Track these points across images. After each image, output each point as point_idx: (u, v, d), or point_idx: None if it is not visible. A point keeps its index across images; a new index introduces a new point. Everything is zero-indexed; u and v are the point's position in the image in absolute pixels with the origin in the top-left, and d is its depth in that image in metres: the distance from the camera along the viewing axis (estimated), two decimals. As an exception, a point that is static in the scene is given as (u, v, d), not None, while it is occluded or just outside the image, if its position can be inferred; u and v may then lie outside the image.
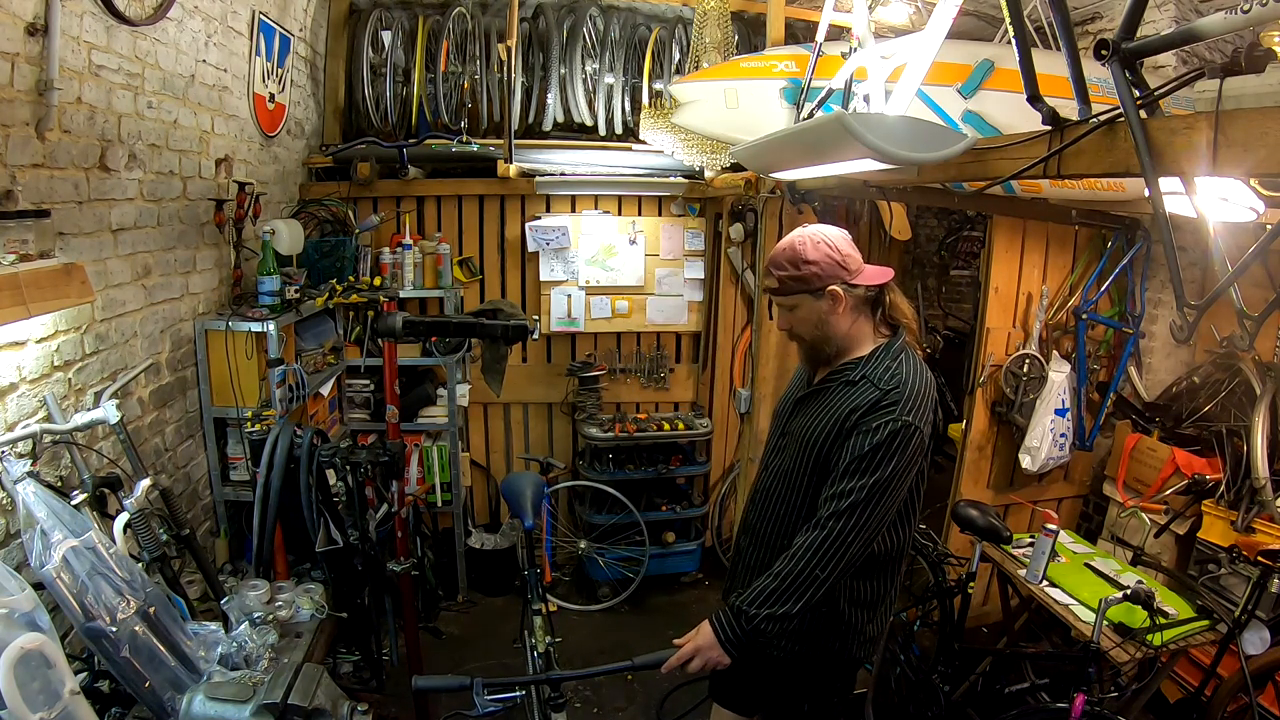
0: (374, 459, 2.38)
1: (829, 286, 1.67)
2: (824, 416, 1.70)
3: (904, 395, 1.60)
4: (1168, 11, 3.18)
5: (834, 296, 1.67)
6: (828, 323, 1.71)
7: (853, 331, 1.72)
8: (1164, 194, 1.35)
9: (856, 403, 1.64)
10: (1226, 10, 1.14)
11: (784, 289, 1.73)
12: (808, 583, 1.57)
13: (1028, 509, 3.60)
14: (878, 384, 1.64)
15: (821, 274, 1.67)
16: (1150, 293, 3.51)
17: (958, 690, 2.81)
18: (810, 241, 1.69)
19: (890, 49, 2.14)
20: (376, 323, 2.28)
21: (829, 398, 1.72)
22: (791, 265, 1.70)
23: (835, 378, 1.73)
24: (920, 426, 1.60)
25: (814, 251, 1.68)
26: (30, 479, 1.55)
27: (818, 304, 1.69)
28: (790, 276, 1.71)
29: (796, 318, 1.75)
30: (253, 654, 1.84)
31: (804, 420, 1.76)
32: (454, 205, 3.91)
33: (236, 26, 2.77)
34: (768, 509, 1.83)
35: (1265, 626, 2.34)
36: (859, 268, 1.70)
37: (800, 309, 1.73)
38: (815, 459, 1.70)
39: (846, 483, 1.58)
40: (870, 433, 1.58)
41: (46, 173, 1.80)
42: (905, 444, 1.57)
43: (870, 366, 1.68)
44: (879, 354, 1.70)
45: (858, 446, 1.59)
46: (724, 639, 1.60)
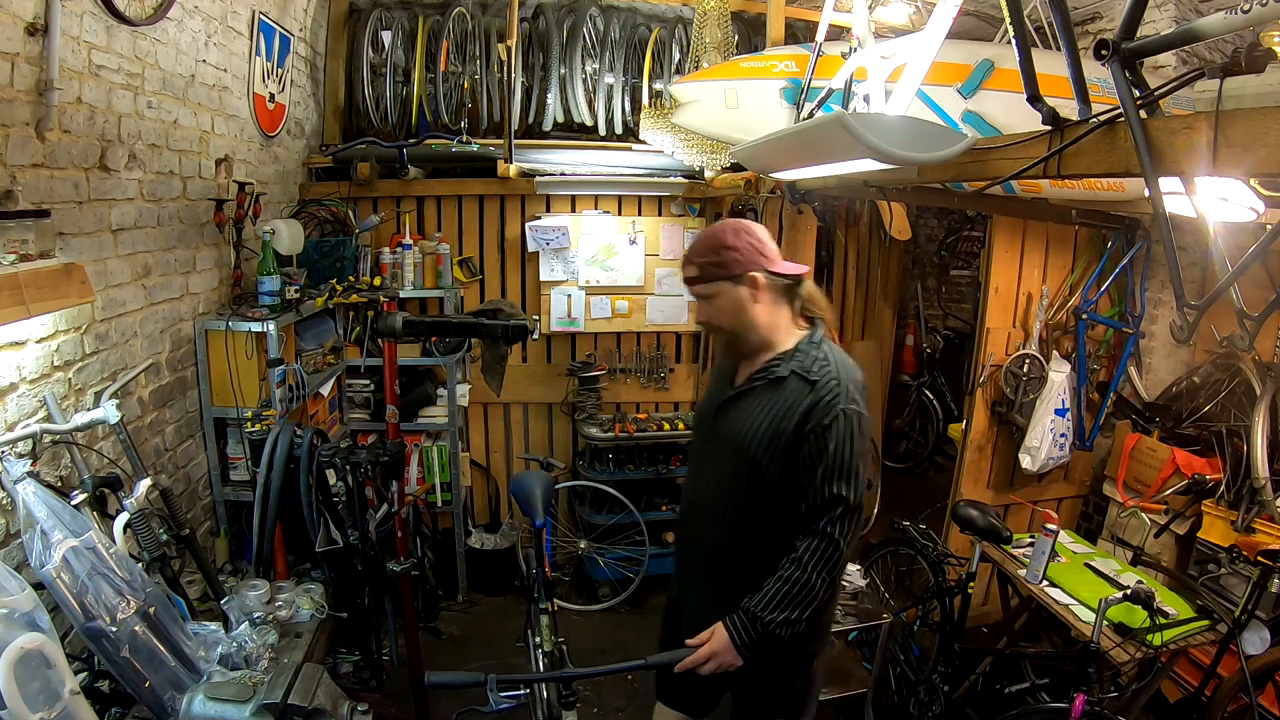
0: (374, 459, 2.38)
1: (749, 272, 1.68)
2: (757, 416, 1.70)
3: (840, 385, 1.63)
4: (1168, 11, 3.18)
5: (754, 283, 1.68)
6: (747, 311, 1.71)
7: (773, 323, 1.73)
8: (1164, 194, 1.35)
9: (794, 405, 1.64)
10: (1226, 10, 1.14)
11: (704, 276, 1.73)
12: (817, 586, 1.60)
13: (1028, 509, 3.60)
14: (808, 377, 1.65)
15: (741, 259, 1.68)
16: (1150, 293, 3.51)
17: (958, 690, 2.81)
18: (731, 229, 1.72)
19: (890, 49, 2.14)
20: (376, 323, 2.28)
21: (759, 396, 1.72)
22: (712, 252, 1.71)
23: (762, 375, 1.73)
24: (861, 409, 1.64)
25: (734, 239, 1.70)
26: (30, 479, 1.55)
27: (737, 290, 1.69)
28: (710, 263, 1.71)
29: (716, 307, 1.73)
30: (253, 654, 1.84)
31: (736, 423, 1.75)
32: (454, 205, 3.91)
33: (236, 26, 2.77)
34: (710, 516, 1.81)
35: (1265, 626, 2.34)
36: (777, 258, 1.72)
37: (720, 297, 1.72)
38: (752, 460, 1.69)
39: (831, 488, 1.59)
40: (824, 431, 1.60)
41: (46, 173, 1.80)
42: (858, 428, 1.61)
43: (796, 360, 1.69)
44: (803, 346, 1.71)
45: (819, 449, 1.60)
46: (739, 643, 1.61)
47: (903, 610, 3.11)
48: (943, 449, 5.58)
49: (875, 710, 2.86)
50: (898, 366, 5.61)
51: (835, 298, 4.52)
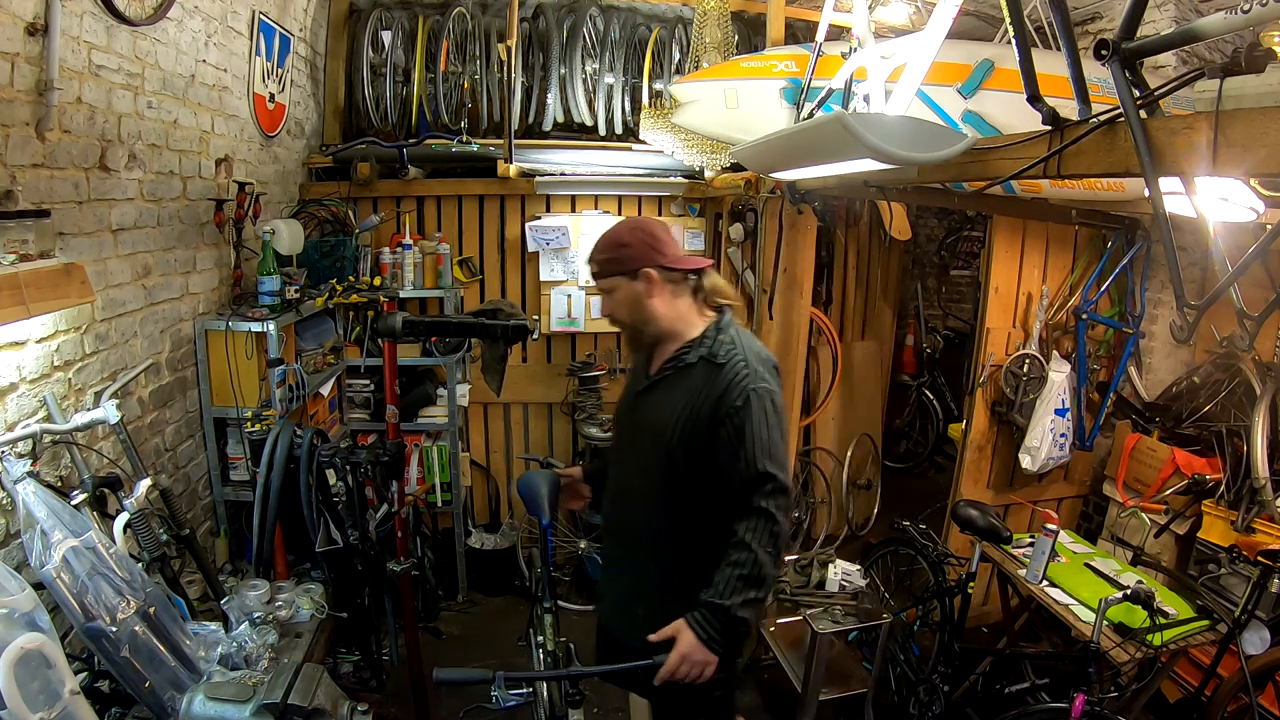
0: (374, 459, 2.38)
1: (643, 268, 1.73)
2: (670, 404, 1.74)
3: (748, 365, 1.67)
4: (1168, 11, 3.18)
5: (648, 278, 1.73)
6: (645, 305, 1.76)
7: (674, 314, 1.77)
8: (1164, 194, 1.35)
9: (705, 390, 1.68)
10: (1226, 10, 1.14)
11: (602, 272, 1.79)
12: (766, 562, 1.61)
13: (1028, 509, 3.60)
14: (715, 361, 1.69)
15: (634, 255, 1.73)
16: (1150, 293, 3.51)
17: (958, 690, 2.81)
18: (626, 227, 1.80)
19: (890, 49, 2.14)
20: (376, 323, 2.28)
21: (671, 385, 1.76)
22: (609, 249, 1.77)
23: (671, 364, 1.77)
24: (774, 389, 1.67)
25: (628, 235, 1.76)
26: (30, 479, 1.55)
27: (634, 285, 1.74)
28: (607, 259, 1.77)
29: (615, 301, 1.79)
30: (253, 654, 1.84)
31: (650, 414, 1.79)
32: (454, 205, 3.91)
33: (236, 26, 2.77)
34: (631, 508, 1.85)
35: (1265, 626, 2.34)
36: (675, 255, 1.77)
37: (618, 291, 1.77)
38: (668, 449, 1.72)
39: (757, 465, 1.62)
40: (737, 412, 1.63)
41: (46, 173, 1.80)
42: (773, 406, 1.65)
43: (703, 347, 1.73)
44: (709, 333, 1.75)
45: (737, 430, 1.63)
46: (707, 638, 1.60)
47: (903, 610, 3.11)
48: (943, 449, 5.58)
49: (875, 710, 2.86)
50: (898, 366, 5.61)
51: (835, 298, 4.52)
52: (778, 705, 3.14)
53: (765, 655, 3.28)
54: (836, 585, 2.92)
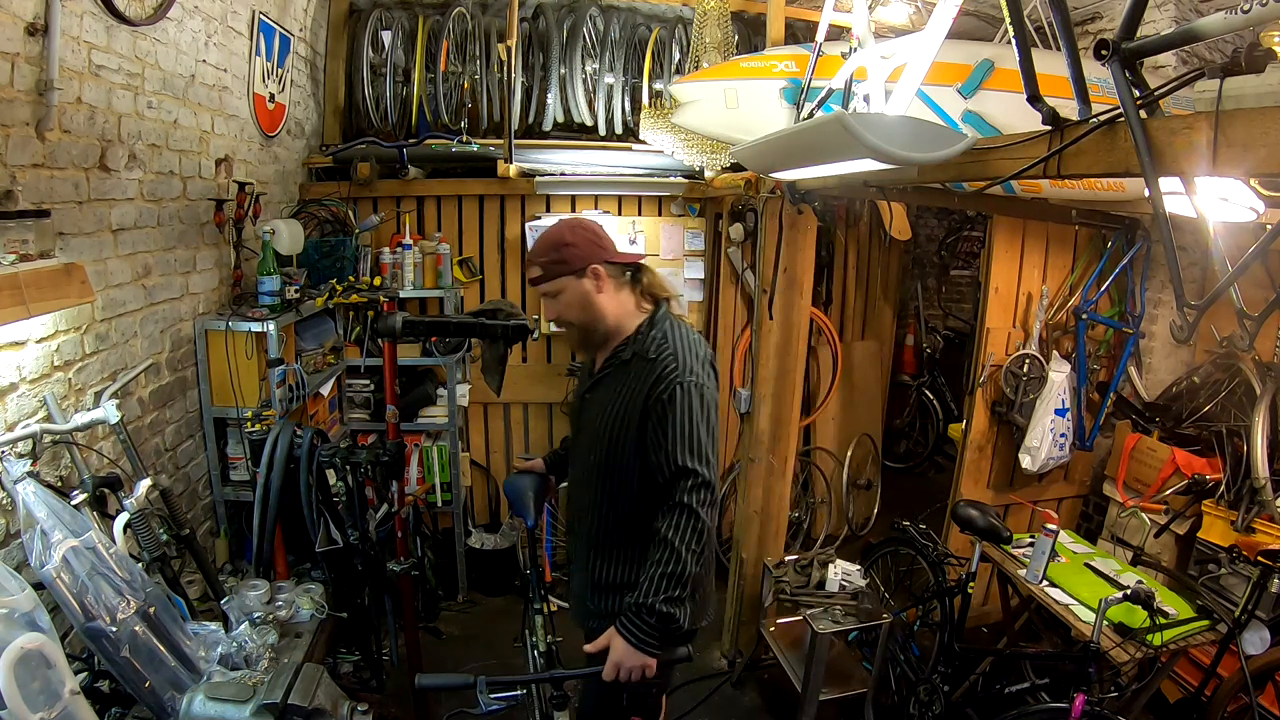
0: (374, 459, 2.38)
1: (590, 265, 1.72)
2: (609, 403, 1.75)
3: (677, 360, 1.66)
4: (1168, 11, 3.18)
5: (596, 274, 1.73)
6: (593, 303, 1.75)
7: (621, 311, 1.78)
8: (1164, 194, 1.35)
9: (638, 385, 1.69)
10: (1226, 10, 1.13)
11: (547, 274, 1.76)
12: (686, 558, 1.59)
13: (1028, 509, 3.60)
14: (647, 356, 1.70)
15: (580, 254, 1.73)
16: (1150, 293, 3.51)
17: (958, 690, 2.81)
18: (566, 226, 1.79)
19: (890, 49, 2.14)
20: (376, 323, 2.28)
21: (611, 383, 1.78)
22: (552, 250, 1.75)
23: (611, 362, 1.79)
24: (703, 382, 1.67)
25: (572, 235, 1.75)
26: (30, 479, 1.55)
27: (581, 284, 1.74)
28: (551, 261, 1.75)
29: (563, 303, 1.77)
30: (253, 654, 1.84)
31: (593, 411, 1.81)
32: (454, 205, 3.91)
33: (236, 26, 2.77)
34: (582, 505, 1.87)
35: (1265, 626, 2.34)
36: (614, 248, 1.78)
37: (565, 292, 1.76)
38: (609, 446, 1.74)
39: (679, 460, 1.61)
40: (664, 406, 1.63)
41: (46, 173, 1.80)
42: (700, 400, 1.64)
43: (637, 343, 1.74)
44: (643, 329, 1.76)
45: (661, 423, 1.64)
46: (638, 642, 1.59)
47: (903, 610, 3.11)
48: (943, 449, 5.58)
49: (875, 710, 2.86)
50: (898, 366, 5.61)
51: (835, 298, 4.52)
52: (778, 705, 3.14)
53: (765, 655, 3.28)
54: (836, 585, 2.92)
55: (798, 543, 4.29)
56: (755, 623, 3.27)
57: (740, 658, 3.33)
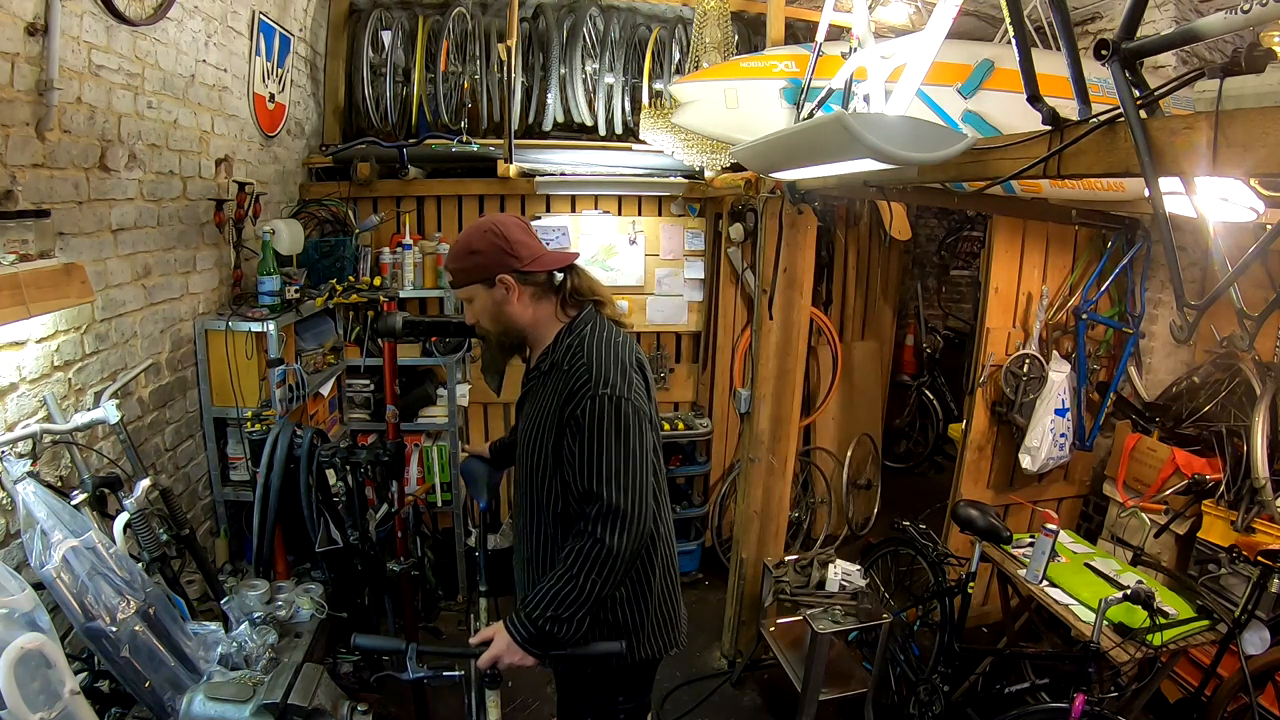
0: (374, 459, 2.38)
1: (498, 275, 1.64)
2: (534, 415, 1.68)
3: (591, 371, 1.55)
4: (1168, 11, 3.18)
5: (506, 285, 1.64)
6: (505, 313, 1.68)
7: (536, 320, 1.70)
8: (1164, 194, 1.35)
9: (553, 398, 1.61)
10: (1226, 10, 1.13)
11: (457, 281, 1.72)
12: (586, 586, 1.51)
13: (1028, 509, 3.60)
14: (562, 368, 1.61)
15: (487, 264, 1.64)
16: (1150, 293, 3.51)
17: (958, 690, 2.81)
18: (478, 231, 1.67)
19: (890, 49, 2.14)
20: (376, 323, 2.28)
21: (534, 396, 1.71)
22: (460, 257, 1.68)
23: (534, 374, 1.72)
24: (622, 394, 1.53)
25: (479, 241, 1.65)
26: (30, 479, 1.55)
27: (491, 293, 1.66)
28: (460, 269, 1.69)
29: (475, 310, 1.72)
30: (253, 654, 1.84)
31: (523, 423, 1.75)
32: (454, 205, 3.91)
33: (236, 26, 2.77)
34: (521, 513, 1.80)
35: (1265, 626, 2.34)
36: (532, 255, 1.65)
37: (476, 300, 1.70)
38: (537, 458, 1.66)
39: (589, 483, 1.51)
40: (576, 422, 1.53)
41: (46, 173, 1.80)
42: (615, 415, 1.52)
43: (556, 353, 1.66)
44: (560, 337, 1.68)
45: (573, 441, 1.54)
46: (521, 640, 1.55)
47: (903, 610, 3.11)
48: (943, 449, 5.58)
49: (875, 710, 2.86)
50: (898, 366, 5.61)
51: (835, 298, 4.52)
52: (778, 705, 3.14)
53: (765, 655, 3.28)
54: (836, 585, 2.92)
55: (798, 543, 4.29)
56: (755, 623, 3.28)
57: (740, 658, 3.33)
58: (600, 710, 1.82)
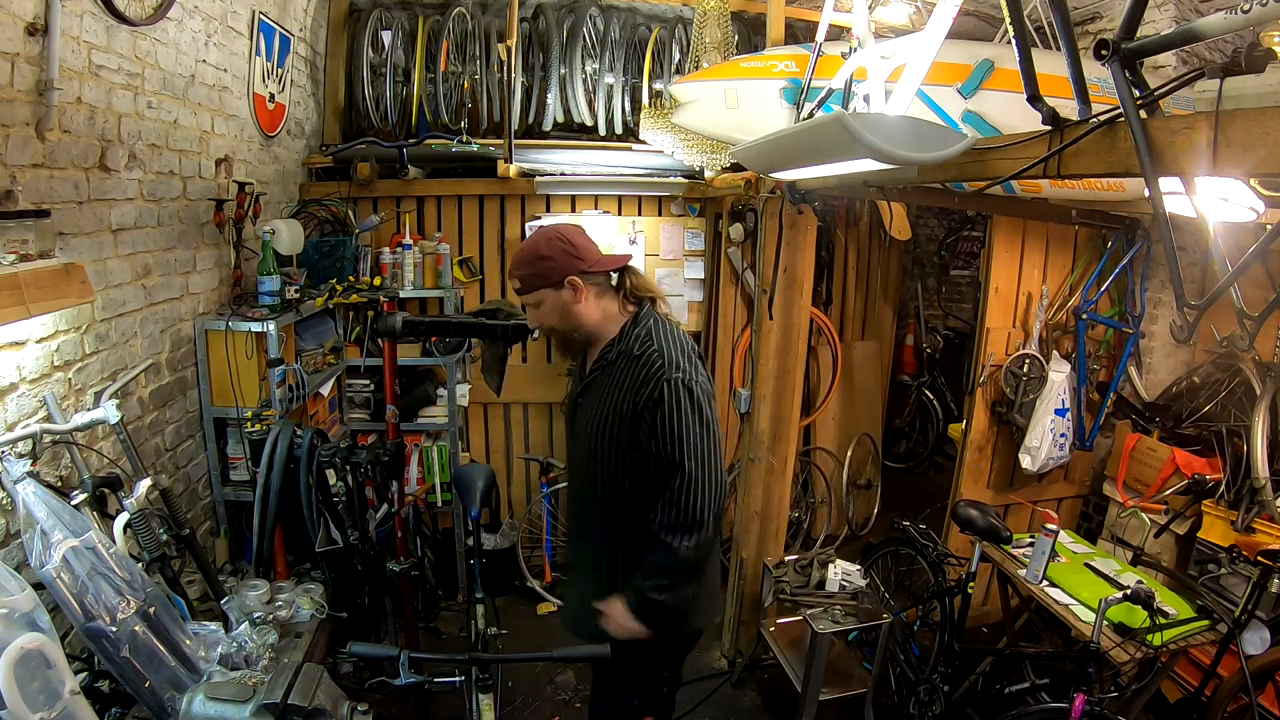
0: (374, 459, 2.38)
1: (566, 276, 1.77)
2: (599, 406, 1.79)
3: (663, 357, 1.69)
4: (1168, 11, 3.18)
5: (573, 286, 1.78)
6: (573, 312, 1.80)
7: (601, 316, 1.82)
8: (1164, 194, 1.35)
9: (625, 384, 1.73)
10: (1226, 10, 1.13)
11: (526, 287, 1.83)
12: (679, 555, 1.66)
13: (1028, 509, 3.60)
14: (632, 354, 1.74)
15: (556, 266, 1.77)
16: (1150, 293, 3.51)
17: (958, 690, 2.81)
18: (544, 239, 1.82)
19: (890, 49, 2.14)
20: (376, 323, 2.28)
21: (599, 385, 1.81)
22: (530, 264, 1.81)
23: (598, 365, 1.83)
24: (692, 378, 1.69)
25: (547, 247, 1.79)
26: (30, 479, 1.55)
27: (559, 295, 1.79)
28: (529, 274, 1.81)
29: (543, 312, 1.84)
30: (253, 654, 1.84)
31: (584, 414, 1.85)
32: (454, 205, 3.91)
33: (236, 26, 2.77)
34: (580, 504, 1.92)
35: (1265, 626, 2.34)
36: (594, 257, 1.81)
37: (545, 303, 1.82)
38: (599, 447, 1.79)
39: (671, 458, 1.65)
40: (654, 403, 1.66)
41: (46, 173, 1.80)
42: (689, 396, 1.66)
43: (622, 343, 1.78)
44: (626, 329, 1.80)
45: (652, 421, 1.67)
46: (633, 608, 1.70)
47: (903, 610, 3.11)
48: (943, 449, 5.57)
49: (875, 710, 2.86)
50: (898, 366, 5.61)
51: (835, 298, 4.52)
52: (778, 705, 3.14)
53: (765, 655, 3.28)
54: (836, 585, 2.92)
55: (798, 543, 4.29)
56: (755, 623, 3.28)
57: (740, 657, 3.33)
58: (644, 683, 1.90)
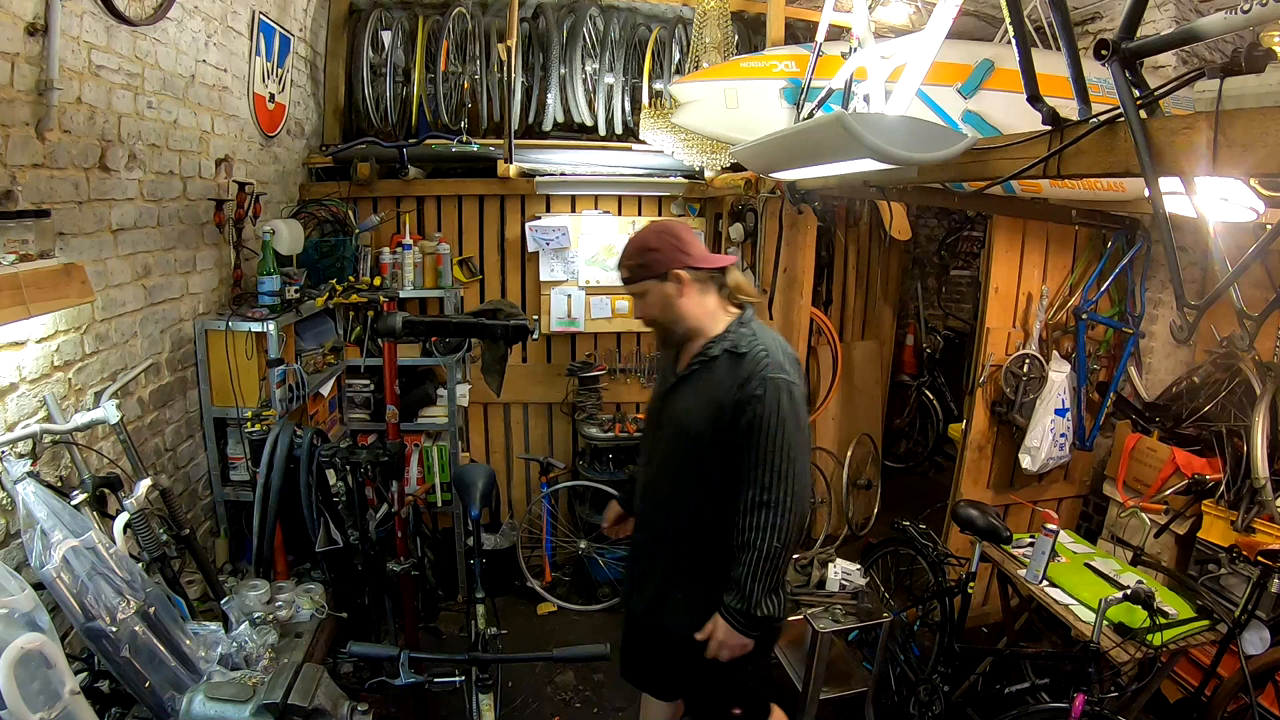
0: (374, 459, 2.38)
1: (672, 269, 1.82)
2: (698, 399, 1.83)
3: (768, 355, 1.76)
4: (1168, 11, 3.18)
5: (678, 279, 1.83)
6: (675, 304, 1.85)
7: (702, 312, 1.87)
8: (1164, 194, 1.35)
9: (728, 380, 1.77)
10: (1226, 10, 1.14)
11: (633, 278, 1.88)
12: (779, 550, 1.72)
13: (1028, 509, 3.60)
14: (736, 352, 1.79)
15: (663, 259, 1.83)
16: (1150, 293, 3.51)
17: (958, 690, 2.81)
18: (653, 232, 1.89)
19: (890, 49, 2.14)
20: (376, 323, 2.28)
21: (697, 380, 1.85)
22: (638, 254, 1.87)
23: (698, 359, 1.86)
24: (793, 379, 1.75)
25: (656, 240, 1.85)
26: (30, 479, 1.55)
27: (664, 287, 1.84)
28: (637, 265, 1.86)
29: (647, 303, 1.88)
30: (253, 654, 1.84)
31: (678, 407, 1.89)
32: (454, 205, 3.91)
33: (236, 26, 2.77)
34: (663, 496, 1.93)
35: (1265, 626, 2.34)
36: (701, 254, 1.86)
37: (650, 294, 1.87)
38: (695, 439, 1.82)
39: (764, 456, 1.71)
40: (755, 401, 1.72)
41: (46, 173, 1.80)
42: (790, 396, 1.73)
43: (727, 340, 1.83)
44: (731, 327, 1.85)
45: (751, 419, 1.72)
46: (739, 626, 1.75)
47: (903, 610, 3.11)
48: (943, 449, 5.57)
49: (875, 710, 2.86)
50: (898, 366, 5.61)
51: (835, 298, 4.52)
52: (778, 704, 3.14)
53: (765, 655, 3.28)
54: (837, 585, 2.92)
55: (798, 543, 4.28)
56: (755, 623, 3.27)
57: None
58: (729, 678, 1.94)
